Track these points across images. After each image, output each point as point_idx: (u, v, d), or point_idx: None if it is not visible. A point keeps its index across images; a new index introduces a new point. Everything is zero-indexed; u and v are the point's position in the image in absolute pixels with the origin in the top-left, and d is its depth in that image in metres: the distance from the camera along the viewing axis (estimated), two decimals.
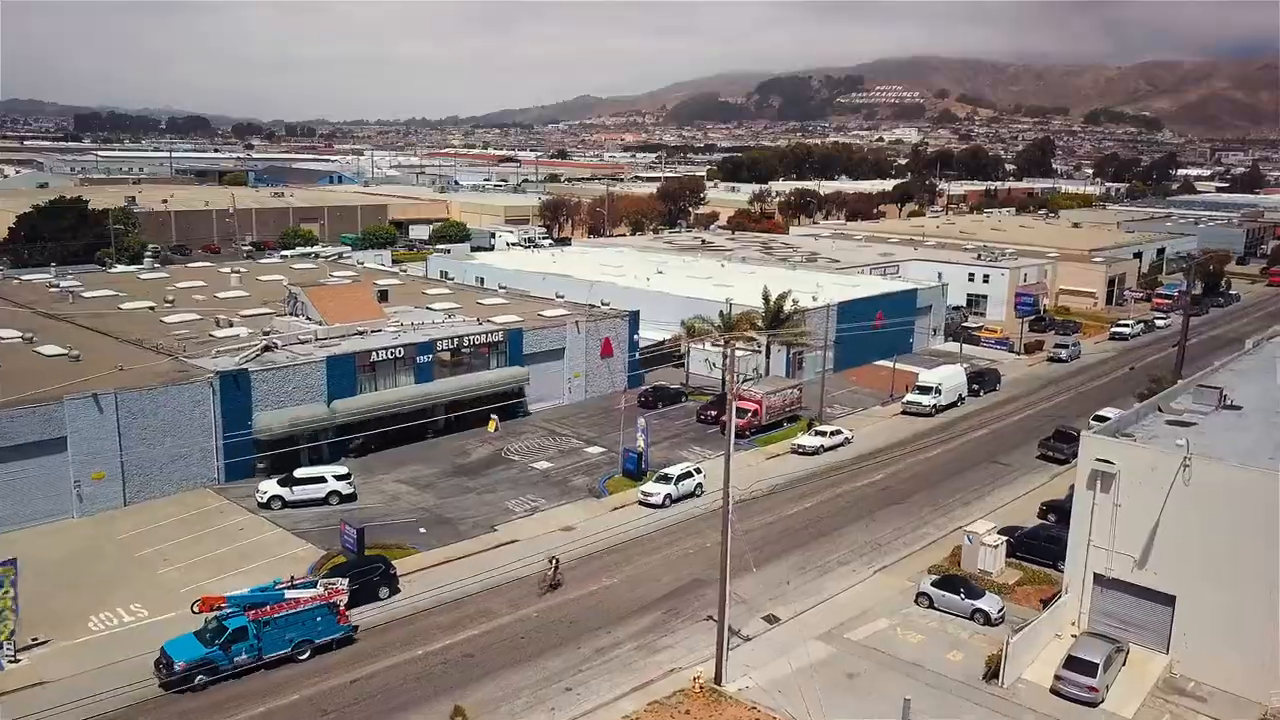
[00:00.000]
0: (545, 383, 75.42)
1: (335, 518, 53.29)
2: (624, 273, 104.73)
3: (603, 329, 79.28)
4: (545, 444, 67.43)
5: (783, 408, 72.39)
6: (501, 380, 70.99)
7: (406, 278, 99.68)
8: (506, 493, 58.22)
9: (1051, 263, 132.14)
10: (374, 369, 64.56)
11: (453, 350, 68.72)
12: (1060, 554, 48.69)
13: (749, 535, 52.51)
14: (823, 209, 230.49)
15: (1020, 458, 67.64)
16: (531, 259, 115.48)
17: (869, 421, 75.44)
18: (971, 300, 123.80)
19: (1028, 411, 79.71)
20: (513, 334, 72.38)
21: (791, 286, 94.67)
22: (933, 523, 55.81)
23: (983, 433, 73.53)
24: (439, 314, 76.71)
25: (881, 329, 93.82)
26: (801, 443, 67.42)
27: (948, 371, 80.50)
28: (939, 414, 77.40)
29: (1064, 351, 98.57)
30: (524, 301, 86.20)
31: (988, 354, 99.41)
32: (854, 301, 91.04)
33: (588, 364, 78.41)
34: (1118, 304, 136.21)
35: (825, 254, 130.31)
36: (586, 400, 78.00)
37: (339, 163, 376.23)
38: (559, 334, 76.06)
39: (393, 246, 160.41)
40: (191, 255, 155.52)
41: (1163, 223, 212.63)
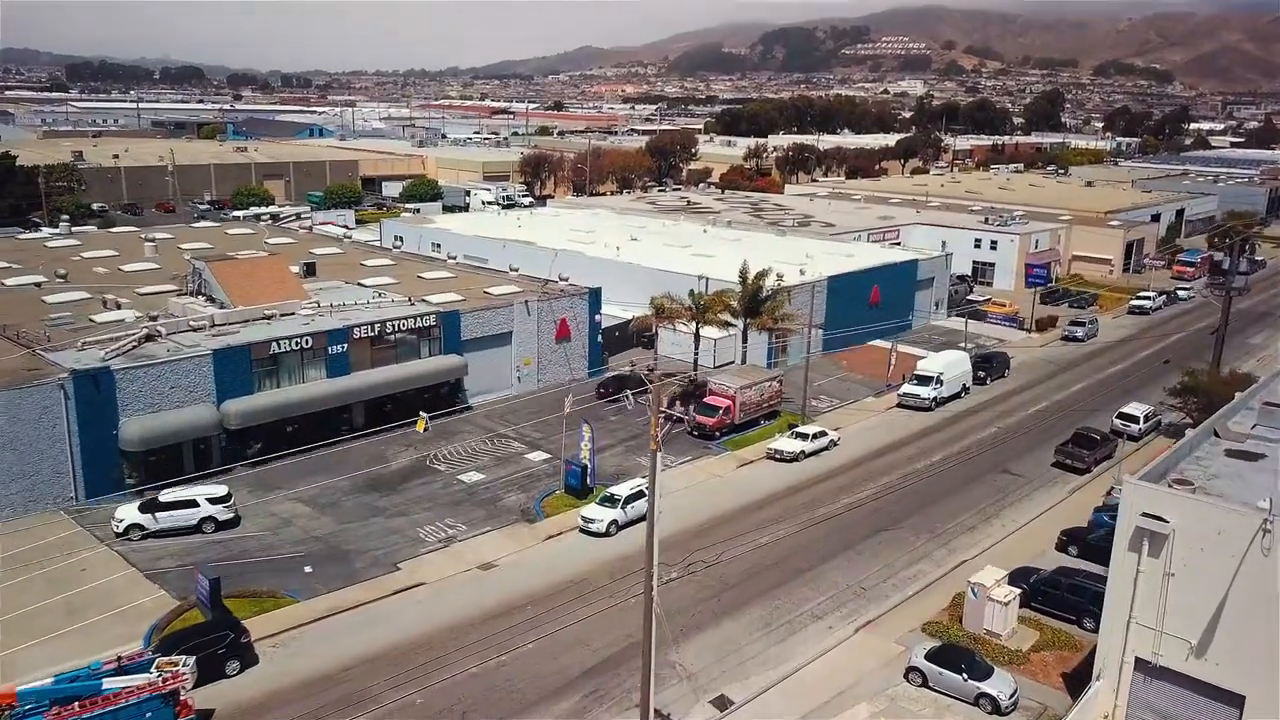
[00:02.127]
0: (489, 372, 65.82)
1: (207, 551, 44.07)
2: (594, 239, 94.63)
3: (558, 309, 69.45)
4: (480, 448, 57.95)
5: (760, 403, 62.79)
6: (433, 372, 61.37)
7: (350, 246, 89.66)
8: (422, 515, 48.84)
9: (1065, 227, 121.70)
10: (275, 362, 54.90)
11: (373, 338, 58.99)
12: (1085, 608, 39.50)
13: (705, 575, 43.23)
14: (821, 165, 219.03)
15: (1033, 466, 58.14)
16: (495, 223, 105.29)
17: (860, 417, 65.87)
18: (977, 269, 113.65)
19: (1040, 404, 70.02)
20: (448, 317, 62.61)
21: (778, 258, 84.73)
22: (930, 557, 46.40)
23: (989, 432, 63.93)
24: (369, 292, 66.86)
25: (878, 305, 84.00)
26: (779, 448, 57.90)
27: (950, 358, 70.70)
28: (940, 407, 67.85)
29: (1080, 330, 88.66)
30: (473, 275, 76.28)
31: (995, 331, 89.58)
32: (847, 276, 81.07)
33: (540, 349, 68.73)
34: (1135, 271, 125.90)
35: (819, 217, 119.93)
36: (539, 391, 68.44)
37: (325, 115, 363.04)
38: (505, 315, 66.27)
39: (358, 206, 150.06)
40: (144, 215, 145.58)
41: (1180, 181, 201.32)
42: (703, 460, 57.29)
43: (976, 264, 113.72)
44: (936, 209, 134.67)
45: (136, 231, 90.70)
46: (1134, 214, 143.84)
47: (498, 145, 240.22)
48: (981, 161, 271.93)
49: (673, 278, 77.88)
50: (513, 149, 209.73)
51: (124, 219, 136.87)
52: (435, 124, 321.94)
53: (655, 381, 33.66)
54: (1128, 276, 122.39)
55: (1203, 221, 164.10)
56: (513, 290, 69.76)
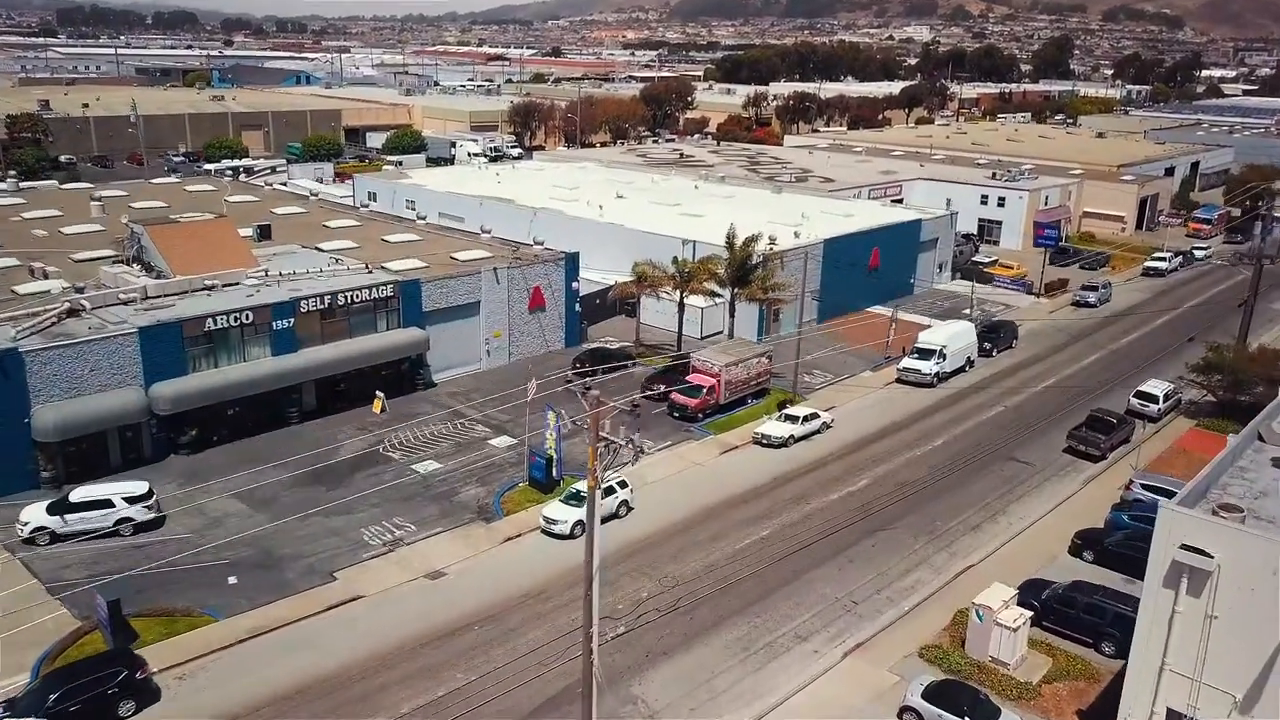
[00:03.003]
0: (455, 346, 60.86)
1: (122, 558, 39.50)
2: (577, 197, 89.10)
3: (531, 276, 64.27)
4: (441, 432, 53.16)
5: (747, 381, 57.86)
6: (391, 347, 56.40)
7: (315, 204, 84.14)
8: (368, 512, 44.16)
9: (1076, 182, 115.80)
10: (211, 340, 49.93)
11: (324, 311, 53.94)
12: (1105, 630, 34.98)
13: (677, 590, 38.62)
14: (823, 115, 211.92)
15: (1043, 451, 53.35)
16: (473, 179, 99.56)
17: (856, 394, 60.99)
18: (983, 227, 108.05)
19: (1051, 379, 65.06)
20: (407, 287, 57.49)
21: (772, 218, 79.48)
22: (929, 563, 41.77)
23: (995, 412, 59.05)
24: (325, 258, 61.63)
25: (877, 269, 78.78)
26: (766, 432, 53.08)
27: (954, 330, 65.58)
28: (942, 383, 62.96)
29: (1092, 295, 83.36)
30: (442, 238, 70.97)
31: (1001, 296, 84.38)
32: (844, 238, 75.67)
33: (512, 320, 63.69)
34: (1149, 229, 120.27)
35: (818, 172, 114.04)
36: (510, 365, 63.53)
37: (315, 62, 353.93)
38: (473, 284, 61.11)
39: (338, 159, 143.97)
40: (114, 168, 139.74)
41: (1193, 131, 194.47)
42: (683, 446, 52.53)
43: (983, 222, 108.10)
44: (941, 162, 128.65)
45: (87, 189, 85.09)
46: (1147, 167, 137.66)
47: (489, 94, 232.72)
48: (988, 110, 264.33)
49: (658, 241, 72.74)
50: (503, 98, 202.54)
51: (92, 172, 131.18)
52: (429, 71, 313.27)
53: (594, 406, 28.57)
54: (1141, 234, 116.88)
55: (1218, 174, 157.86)
56: (482, 256, 64.52)
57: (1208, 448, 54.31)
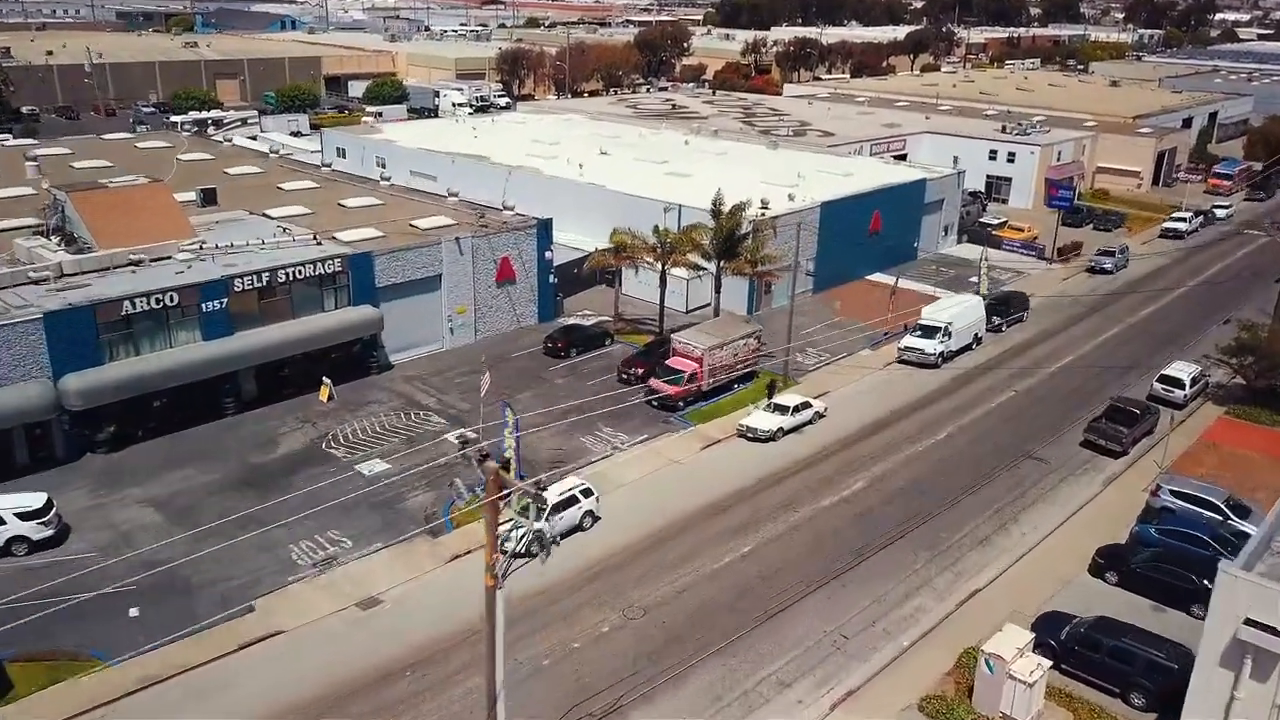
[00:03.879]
0: (414, 324, 55.62)
1: (9, 584, 34.64)
2: (558, 154, 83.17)
3: (499, 245, 58.80)
4: (393, 424, 48.10)
5: (734, 364, 52.63)
6: (339, 328, 51.12)
7: (275, 163, 78.22)
8: (301, 524, 39.10)
9: (1090, 136, 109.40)
10: (130, 325, 44.69)
11: (262, 289, 48.59)
12: (1134, 680, 30.17)
13: (644, 623, 33.82)
14: (825, 61, 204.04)
15: (1059, 445, 48.26)
16: (449, 135, 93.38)
17: (853, 376, 55.81)
18: (991, 185, 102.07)
19: (1066, 358, 59.77)
20: (357, 261, 52.06)
21: (766, 177, 73.86)
22: (931, 586, 36.88)
23: (1005, 398, 53.86)
24: (272, 227, 56.10)
25: (878, 234, 73.17)
26: (752, 425, 47.94)
27: (960, 305, 60.14)
28: (947, 363, 57.77)
29: (1108, 261, 77.69)
30: (406, 202, 65.32)
31: (1011, 261, 78.78)
32: (843, 201, 69.92)
33: (477, 294, 58.36)
34: (1166, 185, 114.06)
35: (817, 125, 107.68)
36: (477, 344, 58.33)
37: (303, 5, 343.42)
38: (432, 255, 55.68)
39: (315, 109, 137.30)
40: (80, 120, 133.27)
41: (1210, 79, 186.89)
42: (660, 440, 47.45)
43: (991, 179, 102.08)
44: (947, 113, 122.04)
45: (23, 146, 79.17)
46: (1164, 119, 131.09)
47: (479, 39, 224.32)
48: (996, 56, 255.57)
49: (641, 204, 67.18)
50: (492, 44, 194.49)
51: (55, 125, 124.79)
52: (421, 16, 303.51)
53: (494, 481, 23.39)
54: (1158, 191, 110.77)
55: (1236, 125, 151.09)
56: (445, 224, 58.95)
57: (1240, 440, 49.51)
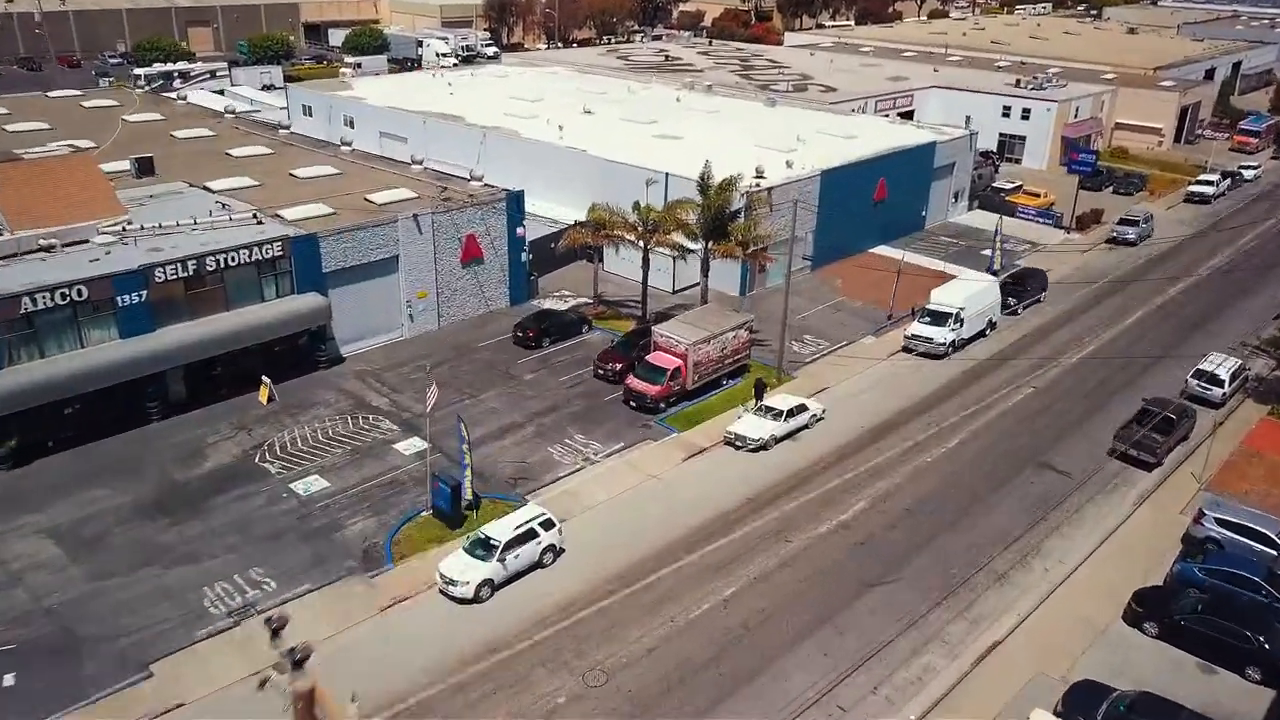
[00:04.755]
0: (368, 311, 50.24)
1: None
2: (538, 112, 77.05)
3: (463, 222, 53.18)
4: (337, 431, 42.91)
5: (722, 359, 47.27)
6: (281, 319, 45.70)
7: (230, 125, 72.11)
8: (220, 559, 34.26)
9: (1109, 90, 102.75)
10: (32, 323, 39.35)
11: (189, 279, 43.13)
12: None
13: (605, 689, 28.95)
14: (828, 7, 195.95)
15: (1083, 454, 43.08)
16: (424, 90, 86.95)
17: (855, 369, 50.49)
18: (1004, 144, 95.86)
19: (1088, 346, 54.37)
20: (301, 244, 46.50)
21: (762, 139, 68.09)
22: (941, 638, 31.86)
23: (1022, 397, 48.48)
24: (212, 202, 50.43)
25: (883, 202, 67.43)
26: (741, 433, 42.69)
27: (973, 287, 54.56)
28: (958, 351, 52.48)
29: (1131, 231, 71.91)
30: (366, 171, 59.52)
31: (1026, 230, 72.99)
32: (846, 168, 64.01)
33: (440, 276, 52.86)
34: (1189, 142, 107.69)
35: (819, 79, 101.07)
36: (440, 331, 53.04)
37: None
38: (388, 234, 50.09)
39: (290, 60, 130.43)
40: (44, 71, 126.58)
41: (1231, 25, 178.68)
42: (638, 450, 42.26)
43: (1003, 137, 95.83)
44: (957, 65, 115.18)
45: None
46: (1186, 70, 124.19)
47: None
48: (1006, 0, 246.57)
49: (624, 172, 61.48)
50: None
51: (16, 78, 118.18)
52: None
53: None
54: (1179, 148, 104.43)
55: (1260, 76, 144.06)
56: (404, 197, 53.24)
57: None
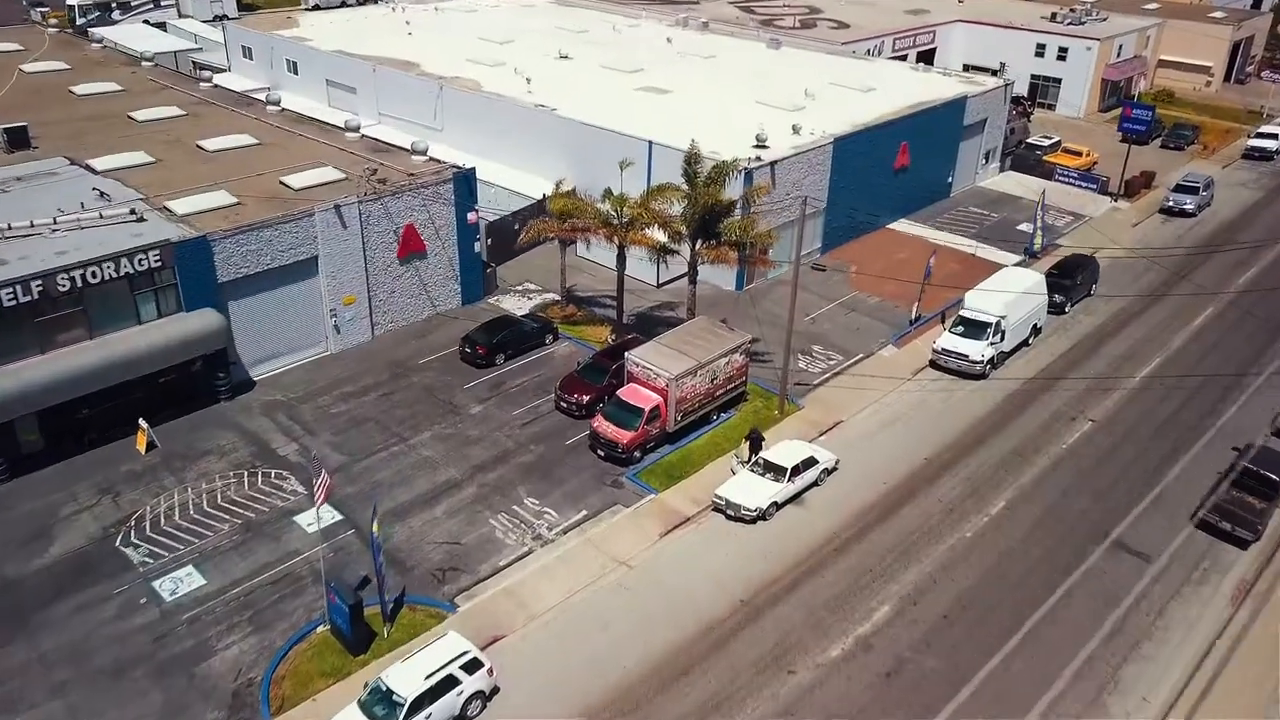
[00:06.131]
0: (282, 324, 41.27)
1: None
2: (508, 56, 66.76)
3: (399, 210, 43.79)
4: (227, 495, 34.20)
5: (713, 391, 38.35)
6: (161, 348, 36.70)
7: (145, 74, 61.81)
8: (38, 711, 25.95)
9: (1155, 24, 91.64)
10: None
11: (36, 302, 34.08)
12: None
13: None
14: None
15: (1160, 524, 34.44)
16: (379, 30, 76.17)
17: (873, 392, 41.60)
18: (1036, 87, 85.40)
19: (1152, 359, 45.23)
20: (187, 249, 37.28)
21: (764, 96, 58.65)
22: None
23: (1080, 436, 39.52)
24: (87, 192, 41.04)
25: (905, 170, 57.87)
26: (734, 500, 33.85)
27: (1016, 288, 44.91)
28: (997, 368, 43.57)
29: (1189, 200, 62.15)
30: (290, 140, 49.84)
31: (1066, 198, 63.35)
32: (862, 134, 54.17)
33: (373, 276, 43.67)
34: (1239, 82, 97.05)
35: (829, 13, 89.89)
36: (374, 343, 44.09)
37: None
38: (302, 231, 40.77)
39: None
40: None
41: None
42: (603, 523, 33.54)
43: (1035, 80, 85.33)
44: None
45: None
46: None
47: None
48: None
49: (601, 139, 52.02)
50: None
51: None
52: None
53: None
54: (1229, 90, 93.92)
55: None
56: (328, 179, 43.74)
57: None
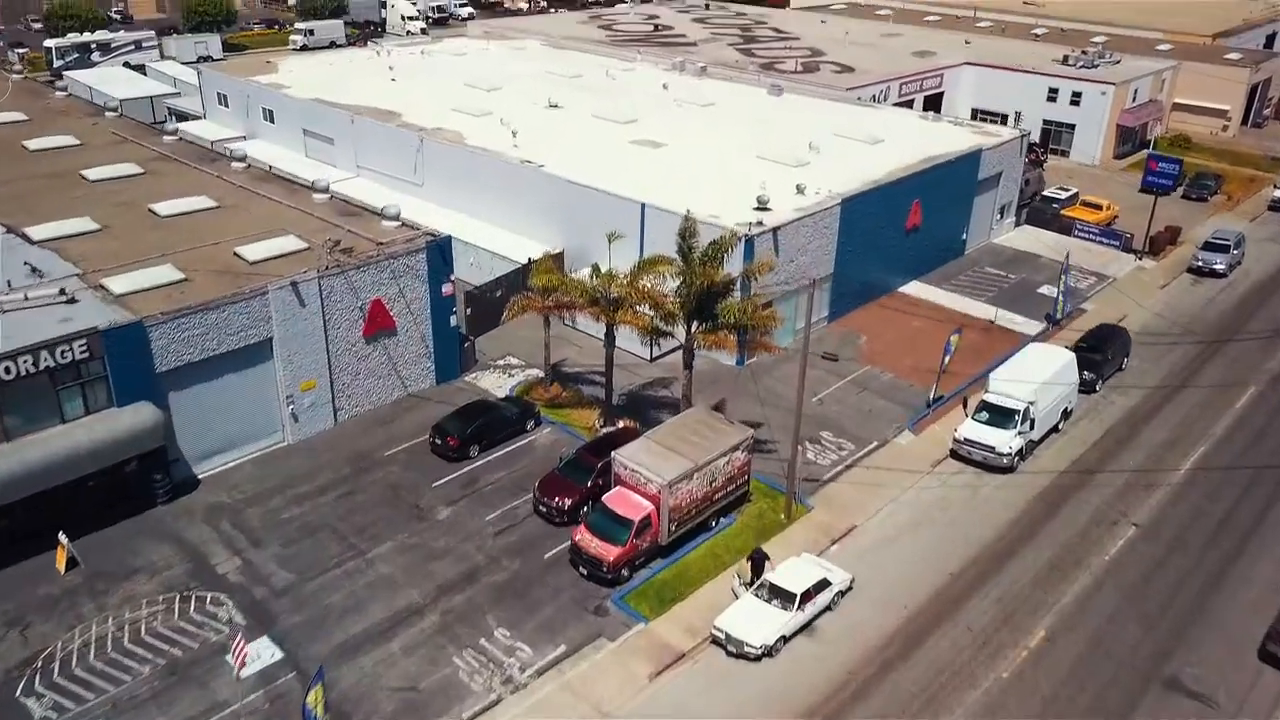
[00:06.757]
0: (231, 415, 37.10)
1: None
2: (495, 105, 63.04)
3: (365, 284, 39.72)
4: (153, 628, 29.87)
5: (712, 495, 34.09)
6: (87, 450, 32.46)
7: (108, 126, 57.93)
8: None
9: (1170, 66, 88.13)
10: None
11: None
12: None
13: None
14: None
15: (1222, 657, 30.14)
16: (363, 73, 72.43)
17: (888, 489, 37.34)
18: (1049, 132, 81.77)
19: (1197, 448, 40.90)
20: (118, 337, 33.15)
21: (765, 149, 54.96)
22: None
23: (1123, 545, 35.16)
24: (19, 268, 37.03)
25: (918, 229, 53.94)
26: (735, 634, 29.38)
27: (1045, 370, 40.75)
28: (1025, 460, 39.35)
29: (1220, 259, 58.19)
30: (253, 201, 45.81)
31: (1087, 255, 59.41)
32: (872, 193, 50.21)
33: (336, 357, 39.53)
34: (1255, 125, 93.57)
35: (832, 55, 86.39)
36: (337, 431, 39.88)
37: None
38: (256, 311, 36.66)
39: (230, 27, 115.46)
40: None
41: None
42: (585, 660, 29.15)
43: (1048, 125, 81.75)
44: (988, 33, 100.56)
45: None
46: (1245, 38, 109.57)
47: None
48: None
49: (590, 199, 48.28)
50: None
51: None
52: None
53: None
54: (1247, 133, 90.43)
55: None
56: (288, 249, 39.68)
57: None
